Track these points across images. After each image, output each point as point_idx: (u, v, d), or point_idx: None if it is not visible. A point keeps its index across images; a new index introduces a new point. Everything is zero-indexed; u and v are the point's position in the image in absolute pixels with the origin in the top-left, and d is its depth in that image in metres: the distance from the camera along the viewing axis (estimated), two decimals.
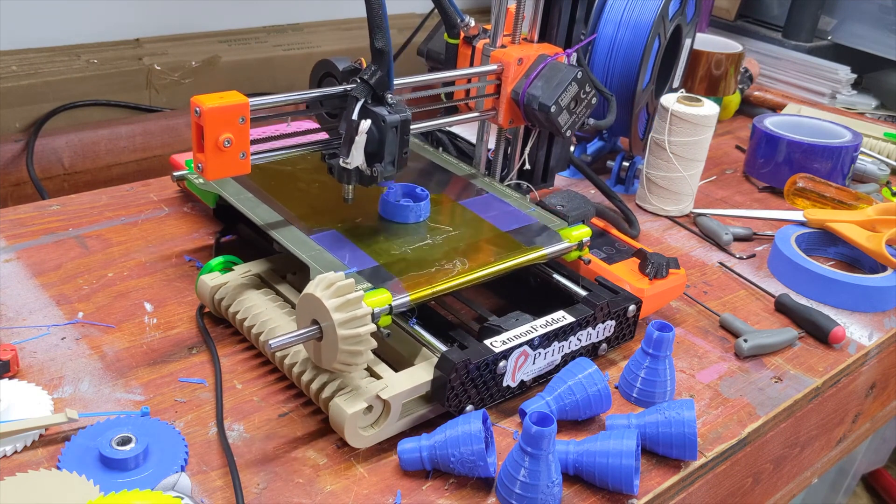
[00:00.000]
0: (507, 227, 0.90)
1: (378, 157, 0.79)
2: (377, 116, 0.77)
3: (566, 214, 0.92)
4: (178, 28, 1.53)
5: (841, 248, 1.11)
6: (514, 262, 0.84)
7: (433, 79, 0.93)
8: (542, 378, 0.80)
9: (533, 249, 0.86)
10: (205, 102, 0.72)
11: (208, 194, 0.97)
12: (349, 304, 0.68)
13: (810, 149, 1.26)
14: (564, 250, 0.88)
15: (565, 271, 0.88)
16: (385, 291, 0.74)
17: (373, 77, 0.78)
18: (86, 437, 0.69)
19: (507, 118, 0.98)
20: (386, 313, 0.73)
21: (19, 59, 1.33)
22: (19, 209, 1.04)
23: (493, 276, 0.82)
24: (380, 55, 0.77)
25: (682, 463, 0.74)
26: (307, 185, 0.95)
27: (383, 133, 0.78)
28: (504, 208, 0.94)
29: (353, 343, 0.68)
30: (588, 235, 0.89)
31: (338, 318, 0.67)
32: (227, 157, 0.75)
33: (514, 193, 0.98)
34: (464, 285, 0.80)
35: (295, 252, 0.80)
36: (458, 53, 1.00)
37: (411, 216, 0.88)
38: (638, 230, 1.11)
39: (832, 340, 0.93)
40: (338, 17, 1.75)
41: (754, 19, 2.01)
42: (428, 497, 0.68)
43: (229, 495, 0.66)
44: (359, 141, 0.76)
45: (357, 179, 0.81)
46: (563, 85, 0.93)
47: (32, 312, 0.85)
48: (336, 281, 0.69)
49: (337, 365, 0.69)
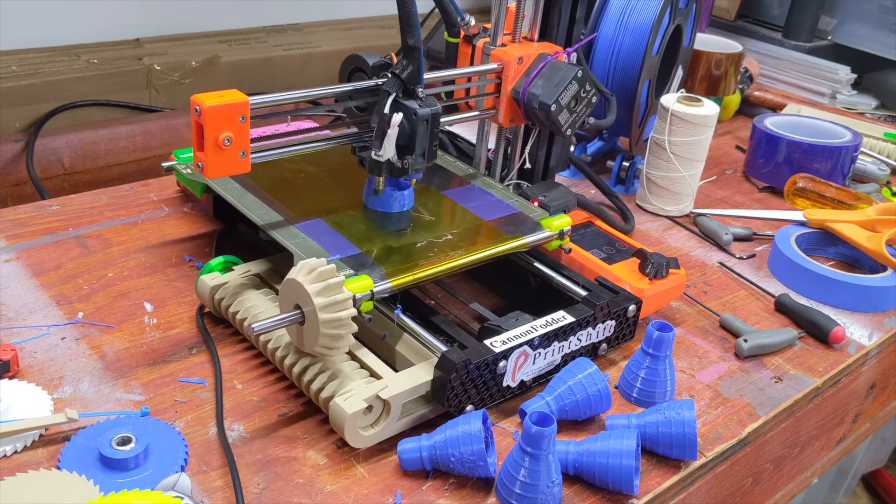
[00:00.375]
0: (490, 216, 0.91)
1: (409, 149, 0.82)
2: (409, 110, 0.80)
3: (547, 204, 0.94)
4: (178, 28, 1.53)
5: (841, 248, 1.11)
6: (496, 250, 0.85)
7: (433, 77, 0.93)
8: (542, 378, 0.80)
9: (514, 238, 0.87)
10: (205, 101, 0.72)
11: (196, 184, 0.99)
12: (330, 288, 0.70)
13: (810, 149, 1.26)
14: (545, 239, 0.89)
15: (565, 271, 0.88)
16: (367, 277, 0.75)
17: (404, 72, 0.80)
18: (86, 437, 0.69)
19: (507, 117, 0.98)
20: (367, 299, 0.74)
21: (19, 59, 1.33)
22: (19, 209, 1.04)
23: (475, 263, 0.84)
24: (411, 51, 0.80)
25: (682, 463, 0.74)
26: (293, 176, 0.96)
27: (414, 126, 0.81)
28: (487, 198, 0.95)
29: (334, 327, 0.69)
30: (569, 225, 0.91)
31: (319, 302, 0.69)
32: (227, 155, 0.75)
33: (498, 184, 0.99)
34: (446, 272, 0.81)
35: (279, 240, 0.82)
36: (458, 52, 1.00)
37: (395, 205, 0.89)
38: (632, 225, 1.12)
39: (832, 340, 0.93)
40: (338, 17, 1.75)
41: (754, 19, 2.01)
42: (428, 497, 0.68)
43: (229, 495, 0.66)
44: (391, 134, 0.79)
45: (388, 171, 0.84)
46: (563, 84, 0.93)
47: (32, 312, 0.85)
48: (318, 266, 0.71)
49: (318, 348, 0.71)
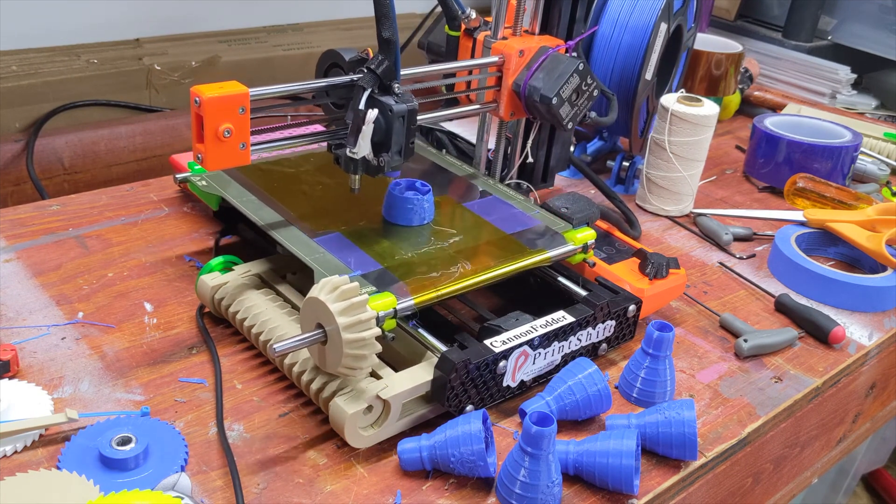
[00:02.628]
0: (511, 229, 0.89)
1: (385, 146, 0.79)
2: (384, 106, 0.78)
3: (570, 217, 0.91)
4: (178, 28, 1.53)
5: (841, 248, 1.11)
6: (519, 265, 0.83)
7: (434, 70, 0.93)
8: (542, 378, 0.80)
9: (537, 252, 0.85)
10: (204, 92, 0.72)
11: (211, 196, 0.97)
12: (354, 307, 0.67)
13: (810, 149, 1.26)
14: (569, 253, 0.87)
15: (566, 272, 0.88)
16: (390, 295, 0.73)
17: (380, 67, 0.78)
18: (86, 437, 0.69)
19: (508, 110, 0.97)
20: (391, 317, 0.72)
21: (19, 59, 1.33)
22: (19, 209, 1.04)
23: (498, 279, 0.82)
24: (387, 45, 0.77)
25: (682, 463, 0.74)
26: (310, 188, 0.95)
27: (390, 122, 0.78)
28: (508, 211, 0.93)
29: (358, 347, 0.67)
30: (592, 238, 0.89)
31: (342, 321, 0.66)
32: (226, 147, 0.74)
33: (519, 196, 0.97)
34: (468, 289, 0.79)
35: (299, 255, 0.80)
36: (458, 46, 0.99)
37: (415, 219, 0.88)
38: (639, 231, 1.11)
39: (832, 340, 0.93)
40: (338, 17, 1.75)
41: (754, 19, 2.01)
42: (428, 497, 0.68)
43: (229, 495, 0.66)
44: (366, 130, 0.76)
45: (364, 169, 0.81)
46: (564, 77, 0.92)
47: (32, 312, 0.85)
48: (340, 284, 0.68)
49: (342, 369, 0.68)
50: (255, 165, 0.98)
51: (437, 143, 1.14)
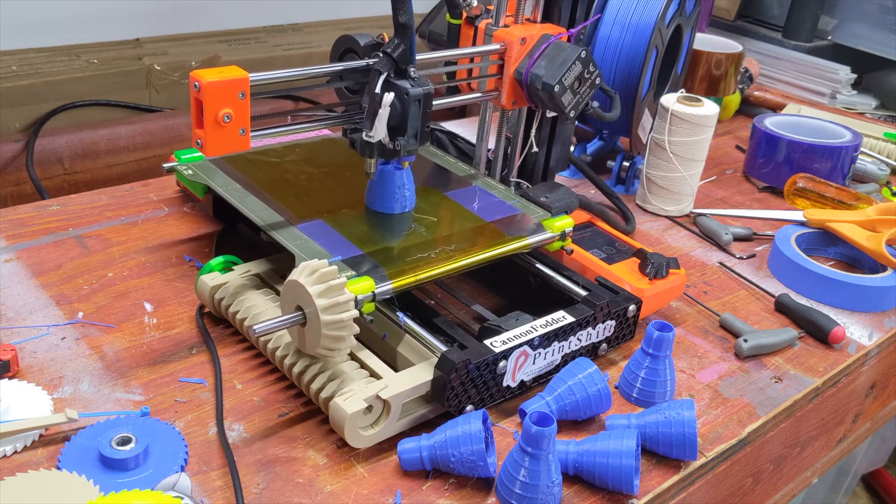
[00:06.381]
0: (491, 217, 0.91)
1: (401, 130, 0.80)
2: (400, 90, 0.78)
3: (549, 206, 0.93)
4: (178, 28, 1.53)
5: (841, 248, 1.11)
6: (498, 251, 0.85)
7: (435, 57, 0.92)
8: (542, 378, 0.80)
9: (516, 239, 0.87)
10: (204, 77, 0.72)
11: (197, 185, 0.97)
12: (332, 290, 0.69)
13: (810, 149, 1.26)
14: (547, 240, 0.89)
15: (565, 271, 0.88)
16: (368, 279, 0.75)
17: (396, 51, 0.78)
18: (86, 437, 0.69)
19: (509, 99, 0.97)
20: (369, 300, 0.74)
21: (19, 59, 1.33)
22: (19, 209, 1.04)
23: (477, 264, 0.83)
24: (403, 29, 0.78)
25: (682, 463, 0.74)
26: (295, 177, 0.96)
27: (406, 106, 0.79)
28: (488, 199, 0.95)
29: (336, 328, 0.69)
30: (571, 226, 0.91)
31: (321, 303, 0.68)
32: (226, 132, 0.74)
33: (500, 185, 0.99)
34: (447, 273, 0.81)
35: (281, 241, 0.82)
36: (460, 34, 0.99)
37: (397, 206, 0.89)
38: (633, 226, 1.12)
39: (832, 340, 0.93)
40: (338, 18, 1.75)
41: (754, 19, 2.01)
42: (428, 497, 0.68)
43: (229, 495, 0.66)
44: (382, 114, 0.77)
45: (380, 153, 0.82)
46: (566, 64, 0.92)
47: (32, 312, 0.85)
48: (319, 268, 0.70)
49: (320, 350, 0.70)
50: (241, 155, 1.00)
51: (436, 143, 1.14)
